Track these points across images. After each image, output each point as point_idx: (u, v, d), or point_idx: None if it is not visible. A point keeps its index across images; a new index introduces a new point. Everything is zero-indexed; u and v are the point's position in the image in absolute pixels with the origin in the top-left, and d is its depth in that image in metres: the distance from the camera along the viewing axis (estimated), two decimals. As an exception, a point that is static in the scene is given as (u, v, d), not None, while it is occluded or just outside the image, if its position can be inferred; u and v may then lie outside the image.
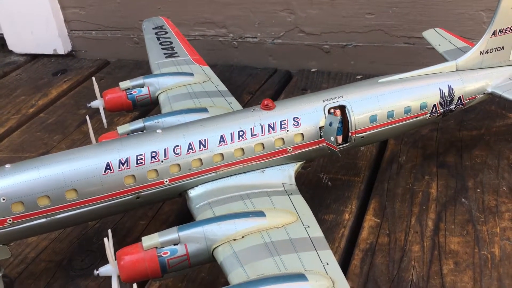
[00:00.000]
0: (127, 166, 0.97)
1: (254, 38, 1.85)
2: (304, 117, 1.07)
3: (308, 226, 0.92)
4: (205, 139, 1.02)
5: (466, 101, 1.19)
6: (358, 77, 1.73)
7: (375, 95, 1.11)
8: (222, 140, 1.02)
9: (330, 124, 1.03)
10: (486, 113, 1.46)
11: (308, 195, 1.22)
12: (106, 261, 1.07)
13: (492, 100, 1.45)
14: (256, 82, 1.80)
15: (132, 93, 1.33)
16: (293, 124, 1.06)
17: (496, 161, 1.26)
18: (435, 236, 1.07)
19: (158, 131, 1.03)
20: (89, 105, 1.35)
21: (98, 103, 1.33)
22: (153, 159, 0.99)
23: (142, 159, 0.98)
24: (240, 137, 1.03)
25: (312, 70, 1.81)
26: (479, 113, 1.46)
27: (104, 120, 1.32)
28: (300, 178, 1.28)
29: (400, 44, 1.68)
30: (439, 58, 1.42)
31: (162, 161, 0.99)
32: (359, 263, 1.03)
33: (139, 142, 1.00)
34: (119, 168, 0.97)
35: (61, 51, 2.15)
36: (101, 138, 1.17)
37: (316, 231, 0.91)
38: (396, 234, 1.09)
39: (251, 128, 1.04)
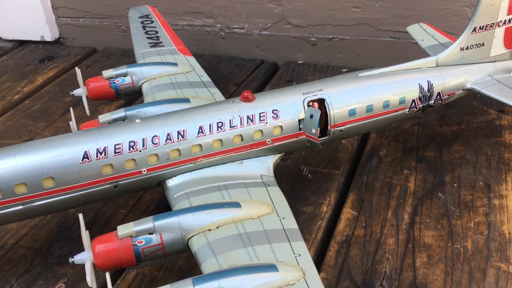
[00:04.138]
0: (105, 155, 0.98)
1: (241, 29, 1.85)
2: (283, 110, 1.07)
3: (283, 218, 0.93)
4: (183, 130, 1.02)
5: (445, 97, 1.20)
6: (344, 70, 1.74)
7: (354, 89, 1.12)
8: (200, 131, 1.03)
9: (311, 116, 1.04)
10: (467, 108, 1.47)
11: (288, 187, 1.23)
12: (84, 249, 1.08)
13: (474, 96, 1.46)
14: (242, 73, 1.80)
15: (115, 82, 1.33)
16: (272, 116, 1.07)
17: (474, 156, 1.28)
18: (410, 230, 1.09)
19: (137, 120, 1.03)
20: (72, 93, 1.35)
21: (81, 91, 1.33)
22: (131, 148, 0.99)
23: (120, 148, 0.99)
24: (219, 128, 1.04)
25: (299, 62, 1.82)
26: (461, 108, 1.47)
27: (87, 109, 1.32)
28: (280, 170, 1.29)
29: (385, 38, 1.69)
30: (424, 53, 1.44)
31: (140, 151, 1.00)
32: (334, 254, 1.04)
33: (118, 131, 1.01)
34: (96, 157, 0.97)
35: (48, 38, 2.14)
36: (82, 126, 1.17)
37: (291, 223, 0.92)
38: (372, 227, 1.10)
39: (230, 120, 1.04)
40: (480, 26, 1.18)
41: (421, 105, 1.18)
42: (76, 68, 1.32)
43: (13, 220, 0.99)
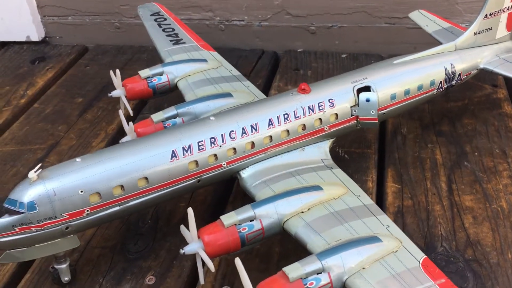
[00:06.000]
0: (190, 152, 1.05)
1: (241, 21, 1.92)
2: (337, 98, 1.18)
3: (359, 196, 1.05)
4: (256, 123, 1.10)
5: (464, 77, 1.36)
6: (343, 55, 1.86)
7: (394, 75, 1.24)
8: (270, 123, 1.12)
9: (367, 100, 1.16)
10: (465, 85, 1.63)
11: (331, 168, 1.35)
12: (158, 242, 1.17)
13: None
14: (247, 63, 1.87)
15: (152, 81, 1.38)
16: (329, 105, 1.17)
17: (484, 127, 1.45)
18: (451, 196, 1.24)
19: (211, 118, 1.10)
20: (110, 94, 1.38)
21: (119, 92, 1.37)
22: (212, 144, 1.06)
23: (203, 145, 1.06)
24: (286, 120, 1.13)
25: (299, 50, 1.92)
26: (460, 85, 1.63)
27: (130, 109, 1.36)
28: (319, 153, 1.40)
29: (381, 25, 1.82)
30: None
31: (220, 146, 1.07)
32: (393, 224, 1.17)
33: (197, 129, 1.07)
34: (183, 155, 1.04)
35: (35, 38, 2.10)
36: (137, 126, 1.22)
37: (367, 199, 1.04)
38: (418, 197, 1.24)
39: (294, 111, 1.14)
40: (490, 13, 1.34)
41: (446, 86, 1.32)
42: (117, 70, 1.35)
43: (108, 220, 1.03)
